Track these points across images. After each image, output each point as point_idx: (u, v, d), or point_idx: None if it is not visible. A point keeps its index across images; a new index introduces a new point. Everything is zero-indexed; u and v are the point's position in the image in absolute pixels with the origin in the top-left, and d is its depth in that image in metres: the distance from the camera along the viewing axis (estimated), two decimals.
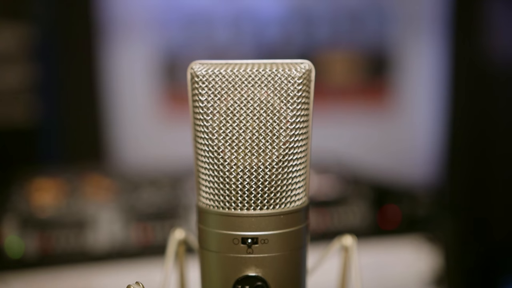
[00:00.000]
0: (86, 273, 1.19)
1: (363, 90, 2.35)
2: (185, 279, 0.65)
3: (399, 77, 2.36)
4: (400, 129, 2.34)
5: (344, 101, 2.33)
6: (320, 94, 2.24)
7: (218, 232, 0.51)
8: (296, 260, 0.52)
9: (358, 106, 2.34)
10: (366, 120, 2.33)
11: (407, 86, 2.36)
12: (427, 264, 1.36)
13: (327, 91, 2.30)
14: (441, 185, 2.06)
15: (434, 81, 2.34)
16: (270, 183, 0.50)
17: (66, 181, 1.55)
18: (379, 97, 2.35)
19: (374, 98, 2.35)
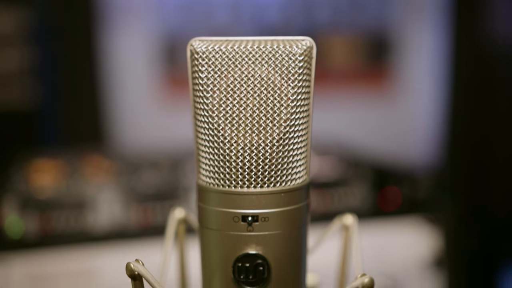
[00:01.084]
0: (86, 254, 1.19)
1: (364, 73, 2.34)
2: (185, 258, 0.65)
3: (400, 60, 2.35)
4: (401, 112, 2.34)
5: (345, 84, 2.32)
6: (321, 77, 2.23)
7: (218, 210, 0.51)
8: (297, 238, 0.52)
9: (359, 89, 2.33)
10: (367, 103, 2.32)
11: (408, 69, 2.35)
12: (427, 246, 1.36)
13: (328, 74, 2.30)
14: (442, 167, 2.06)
15: (435, 64, 2.33)
16: (270, 160, 0.50)
17: (66, 163, 1.55)
18: (380, 80, 2.35)
19: (375, 81, 2.34)
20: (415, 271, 1.36)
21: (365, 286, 0.46)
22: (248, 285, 0.51)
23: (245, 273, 0.51)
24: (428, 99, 2.33)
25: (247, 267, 0.51)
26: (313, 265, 0.62)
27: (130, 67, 2.16)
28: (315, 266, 0.69)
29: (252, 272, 0.51)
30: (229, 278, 0.51)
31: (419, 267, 1.36)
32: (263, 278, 0.51)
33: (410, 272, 1.35)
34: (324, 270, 0.73)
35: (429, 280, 1.36)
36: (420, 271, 1.36)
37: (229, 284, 0.51)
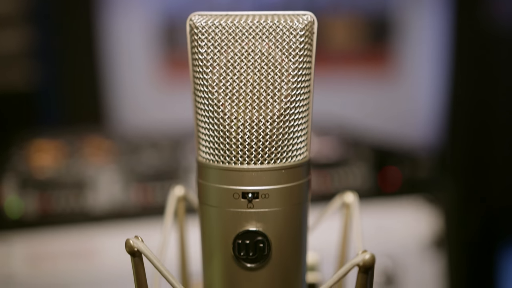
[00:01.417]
0: (86, 233, 1.19)
1: (365, 54, 2.33)
2: (184, 236, 0.64)
3: (401, 41, 2.34)
4: (402, 93, 2.33)
5: (346, 66, 2.31)
6: (321, 58, 2.22)
7: (218, 186, 0.51)
8: (297, 215, 0.52)
9: (360, 71, 2.32)
10: (368, 84, 2.31)
11: (409, 50, 2.34)
12: (427, 226, 1.36)
13: (328, 56, 2.29)
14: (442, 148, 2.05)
15: (436, 45, 2.32)
16: (271, 137, 0.49)
17: (66, 143, 1.55)
18: (380, 62, 2.34)
19: (375, 62, 2.33)
20: (415, 252, 1.36)
21: (366, 262, 0.46)
22: (248, 262, 0.50)
23: (245, 250, 0.50)
24: (429, 80, 2.32)
25: (247, 244, 0.50)
26: (313, 243, 0.62)
27: (130, 47, 2.15)
28: (315, 244, 0.68)
29: (252, 249, 0.50)
30: (229, 255, 0.51)
31: (419, 248, 1.36)
32: (264, 255, 0.50)
33: (410, 253, 1.35)
34: (324, 248, 0.73)
35: (429, 260, 1.36)
36: (420, 252, 1.36)
37: (229, 261, 0.51)
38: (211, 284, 0.53)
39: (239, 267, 0.51)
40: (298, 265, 0.53)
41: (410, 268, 1.35)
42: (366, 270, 0.46)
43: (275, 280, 0.51)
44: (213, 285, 0.53)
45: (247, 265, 0.51)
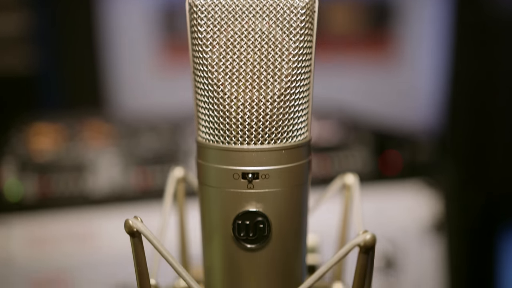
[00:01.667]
0: (85, 216, 1.19)
1: (365, 39, 2.32)
2: (184, 217, 0.64)
3: (402, 26, 2.32)
4: (402, 76, 2.32)
5: (346, 50, 2.30)
6: (322, 43, 2.21)
7: (218, 167, 0.50)
8: (298, 196, 0.51)
9: (360, 55, 2.31)
10: (368, 68, 2.31)
11: (410, 34, 2.33)
12: (427, 210, 1.36)
13: (329, 40, 2.28)
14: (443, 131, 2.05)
15: (437, 29, 2.30)
16: (271, 117, 0.49)
17: (66, 126, 1.55)
18: (381, 46, 2.33)
19: (376, 46, 2.32)
20: (415, 235, 1.36)
21: (367, 242, 0.45)
22: (248, 242, 0.50)
23: (245, 230, 0.50)
24: (430, 64, 2.31)
25: (247, 225, 0.50)
26: (313, 225, 0.61)
27: (130, 31, 2.14)
28: (315, 226, 0.68)
29: (252, 230, 0.50)
30: (229, 235, 0.50)
31: (419, 231, 1.36)
32: (264, 235, 0.50)
33: (410, 236, 1.35)
34: (324, 231, 0.72)
35: (429, 244, 1.36)
36: (420, 235, 1.36)
37: (229, 241, 0.51)
38: (211, 265, 0.53)
39: (239, 248, 0.51)
40: (298, 246, 0.53)
41: (410, 251, 1.35)
42: (367, 251, 0.46)
43: (275, 260, 0.51)
44: (213, 266, 0.53)
45: (247, 245, 0.50)
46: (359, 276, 0.47)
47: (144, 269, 0.48)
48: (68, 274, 1.18)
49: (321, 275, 0.46)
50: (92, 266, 1.19)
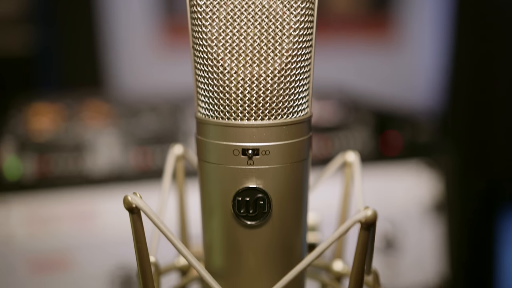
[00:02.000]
0: (84, 196, 1.19)
1: (366, 19, 2.31)
2: (183, 195, 0.64)
3: (403, 6, 2.31)
4: (403, 57, 2.31)
5: (347, 31, 2.29)
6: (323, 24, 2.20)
7: (217, 143, 0.50)
8: (298, 172, 0.51)
9: (361, 36, 2.30)
10: (369, 49, 2.30)
11: (411, 15, 2.32)
12: (428, 190, 1.35)
13: (330, 21, 2.26)
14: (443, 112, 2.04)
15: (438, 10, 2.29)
16: (272, 92, 0.48)
17: (65, 106, 1.54)
18: (382, 27, 2.31)
19: (377, 27, 2.31)
20: (416, 216, 1.35)
21: (368, 219, 0.45)
22: (248, 219, 0.50)
23: (245, 207, 0.49)
24: (431, 44, 2.30)
25: (247, 201, 0.49)
26: (314, 204, 0.61)
27: (130, 12, 2.13)
28: (316, 205, 0.68)
29: (253, 206, 0.49)
30: (229, 212, 0.50)
31: (419, 212, 1.36)
32: (264, 212, 0.50)
33: (410, 217, 1.35)
34: (325, 210, 0.72)
35: (429, 224, 1.36)
36: (421, 216, 1.36)
37: (229, 218, 0.50)
38: (210, 242, 0.53)
39: (239, 225, 0.50)
40: (299, 223, 0.53)
41: (410, 232, 1.35)
42: (368, 227, 0.45)
43: (275, 237, 0.51)
44: (213, 243, 0.52)
45: (247, 222, 0.50)
46: (360, 253, 0.47)
47: (144, 246, 0.47)
48: (67, 253, 1.18)
49: (322, 252, 0.46)
50: (91, 245, 1.19)
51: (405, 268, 1.35)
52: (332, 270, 0.63)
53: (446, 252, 1.38)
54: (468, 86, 2.01)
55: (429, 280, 1.35)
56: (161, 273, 0.59)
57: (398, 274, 1.34)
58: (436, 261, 1.37)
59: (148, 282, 0.48)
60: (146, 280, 0.48)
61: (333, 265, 0.63)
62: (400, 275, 1.35)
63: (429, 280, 1.35)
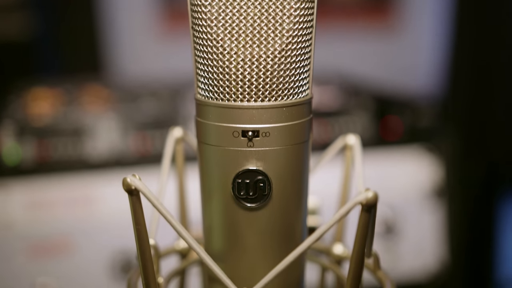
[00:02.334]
0: (84, 181, 1.18)
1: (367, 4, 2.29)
2: (183, 178, 0.63)
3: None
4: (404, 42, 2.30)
5: (347, 16, 2.28)
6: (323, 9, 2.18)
7: (217, 125, 0.49)
8: (299, 154, 0.50)
9: (362, 21, 2.29)
10: (370, 34, 2.29)
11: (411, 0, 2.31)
12: (428, 176, 1.35)
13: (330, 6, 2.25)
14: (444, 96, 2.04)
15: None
16: (272, 73, 0.48)
17: (65, 91, 1.54)
18: (382, 11, 2.30)
19: (377, 12, 2.30)
20: (416, 201, 1.35)
21: (369, 200, 0.44)
22: (248, 201, 0.49)
23: (245, 189, 0.49)
24: (431, 29, 2.29)
25: (247, 183, 0.49)
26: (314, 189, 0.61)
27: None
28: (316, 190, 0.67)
29: (253, 189, 0.49)
30: (228, 195, 0.50)
31: (419, 197, 1.35)
32: (264, 194, 0.49)
33: (410, 202, 1.35)
34: (325, 194, 0.72)
35: (429, 209, 1.36)
36: (421, 201, 1.35)
37: (228, 201, 0.50)
38: (210, 224, 0.53)
39: (239, 207, 0.50)
40: (299, 206, 0.52)
41: (410, 217, 1.35)
42: (369, 209, 0.45)
43: (275, 220, 0.50)
44: (213, 225, 0.52)
45: (247, 205, 0.50)
46: (361, 235, 0.46)
47: (143, 228, 0.47)
48: (67, 238, 1.18)
49: (322, 234, 0.45)
50: (91, 230, 1.19)
51: (405, 253, 1.35)
52: (332, 254, 0.63)
53: (446, 237, 1.38)
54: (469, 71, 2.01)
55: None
56: (161, 256, 0.59)
57: (397, 259, 1.34)
58: (436, 246, 1.37)
59: (147, 264, 0.48)
60: (145, 262, 0.47)
61: (333, 248, 0.63)
62: (400, 260, 1.35)
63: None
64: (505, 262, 1.59)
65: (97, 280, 1.20)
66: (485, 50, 1.96)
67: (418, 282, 1.37)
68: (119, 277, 1.20)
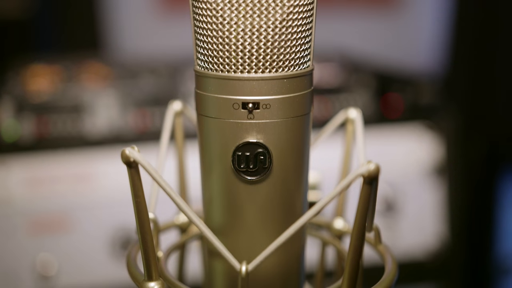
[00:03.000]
0: (83, 158, 1.18)
1: None
2: (182, 152, 0.63)
3: None
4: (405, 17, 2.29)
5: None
6: None
7: (217, 96, 0.48)
8: (299, 127, 0.50)
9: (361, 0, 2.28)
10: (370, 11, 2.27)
11: None
12: (429, 153, 1.35)
13: None
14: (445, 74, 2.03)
15: None
16: (272, 44, 0.47)
17: (64, 68, 1.53)
18: None
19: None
20: (416, 178, 1.35)
21: (371, 172, 0.44)
22: (248, 175, 0.49)
23: (245, 162, 0.48)
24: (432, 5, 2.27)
25: (247, 156, 0.48)
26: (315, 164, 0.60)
27: None
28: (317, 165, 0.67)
29: (253, 162, 0.48)
30: (228, 168, 0.49)
31: (420, 174, 1.35)
32: (264, 167, 0.49)
33: (411, 179, 1.35)
34: (326, 169, 0.71)
35: (430, 187, 1.36)
36: (421, 178, 1.35)
37: (228, 174, 0.49)
38: (210, 198, 0.52)
39: (239, 180, 0.49)
40: (300, 179, 0.52)
41: (411, 195, 1.35)
42: (371, 181, 0.44)
43: (275, 193, 0.50)
44: (213, 199, 0.52)
45: (247, 178, 0.49)
46: (362, 209, 0.45)
47: (142, 201, 0.46)
48: (66, 214, 1.18)
49: (324, 206, 0.45)
50: (90, 207, 1.18)
51: (405, 231, 1.35)
52: (333, 228, 0.63)
53: (446, 215, 1.38)
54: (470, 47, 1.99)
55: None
56: (160, 231, 0.59)
57: (397, 237, 1.34)
58: (436, 224, 1.37)
59: (147, 238, 0.47)
60: (144, 235, 0.47)
61: (334, 223, 0.63)
62: (400, 238, 1.35)
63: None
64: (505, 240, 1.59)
65: (97, 257, 1.20)
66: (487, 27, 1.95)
67: (418, 260, 1.37)
68: (119, 254, 1.20)
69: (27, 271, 1.17)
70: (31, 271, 1.17)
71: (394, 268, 0.52)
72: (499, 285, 1.61)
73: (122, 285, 1.20)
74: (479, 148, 1.63)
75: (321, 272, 0.66)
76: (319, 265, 0.66)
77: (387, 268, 0.52)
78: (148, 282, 0.48)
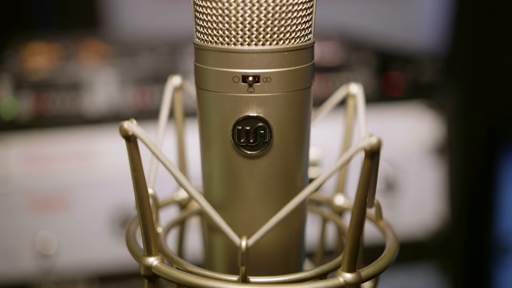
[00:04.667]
0: (82, 135, 1.17)
1: None
2: (182, 128, 0.62)
3: None
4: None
5: None
6: None
7: (216, 70, 0.48)
8: (301, 101, 0.49)
9: None
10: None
11: None
12: (430, 132, 1.34)
13: None
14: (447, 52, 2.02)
15: None
16: (273, 15, 0.46)
17: (62, 46, 1.52)
18: None
19: None
20: (417, 157, 1.34)
21: (373, 146, 0.43)
22: (249, 149, 0.48)
23: (245, 136, 0.48)
24: None
25: (247, 131, 0.48)
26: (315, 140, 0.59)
27: None
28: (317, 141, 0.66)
29: (253, 136, 0.48)
30: (228, 142, 0.48)
31: (421, 153, 1.34)
32: (264, 142, 0.48)
33: (411, 158, 1.34)
34: (327, 146, 0.71)
35: (431, 166, 1.35)
36: (422, 157, 1.35)
37: (228, 148, 0.49)
38: (209, 172, 0.51)
39: (238, 155, 0.49)
40: (300, 154, 0.51)
41: (411, 174, 1.34)
42: (372, 155, 0.43)
43: (276, 168, 0.49)
44: (212, 174, 0.51)
45: (247, 152, 0.48)
46: (363, 183, 0.44)
47: (141, 175, 0.46)
48: (65, 192, 1.17)
49: (325, 180, 0.44)
50: (89, 185, 1.18)
51: (405, 210, 1.35)
52: (334, 205, 0.62)
53: (446, 194, 1.37)
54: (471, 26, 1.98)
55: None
56: (160, 207, 0.58)
57: (398, 216, 1.34)
58: (436, 203, 1.37)
59: (146, 213, 0.46)
60: (144, 210, 0.46)
61: (335, 199, 0.62)
62: (401, 217, 1.34)
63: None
64: (506, 219, 1.59)
65: (96, 235, 1.19)
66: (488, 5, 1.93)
67: (419, 239, 1.37)
68: (119, 232, 1.20)
69: (27, 249, 1.16)
70: (31, 249, 1.17)
71: (395, 243, 0.51)
72: (499, 263, 1.61)
73: (122, 263, 1.20)
74: (479, 126, 1.62)
75: (321, 249, 0.66)
76: (320, 242, 0.65)
77: (388, 243, 0.51)
78: (147, 257, 0.47)
